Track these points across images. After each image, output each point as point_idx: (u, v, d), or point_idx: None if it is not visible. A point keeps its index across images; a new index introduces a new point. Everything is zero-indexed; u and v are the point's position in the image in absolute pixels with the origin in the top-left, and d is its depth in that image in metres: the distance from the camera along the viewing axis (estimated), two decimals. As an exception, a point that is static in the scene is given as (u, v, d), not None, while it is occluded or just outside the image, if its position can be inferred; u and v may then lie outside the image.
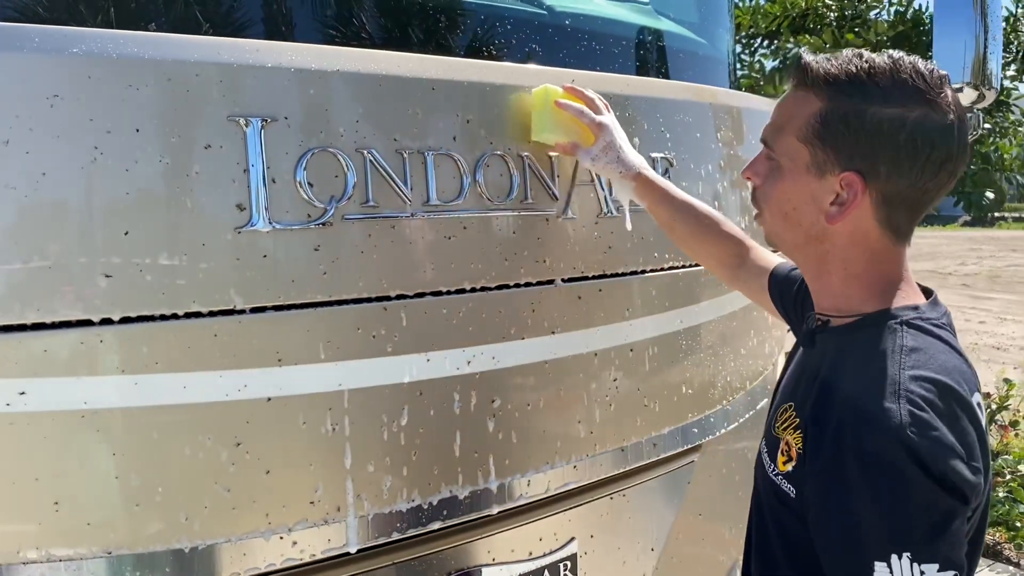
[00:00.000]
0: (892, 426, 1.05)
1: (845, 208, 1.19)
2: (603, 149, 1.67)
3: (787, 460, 1.22)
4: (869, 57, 1.18)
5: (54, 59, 1.23)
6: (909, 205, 1.20)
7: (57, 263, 1.23)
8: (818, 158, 1.20)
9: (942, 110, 1.15)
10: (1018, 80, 5.04)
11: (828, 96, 1.18)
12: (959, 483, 1.04)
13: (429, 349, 1.55)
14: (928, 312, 1.23)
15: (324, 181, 1.42)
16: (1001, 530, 4.30)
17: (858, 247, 1.23)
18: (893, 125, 1.14)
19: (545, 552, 1.78)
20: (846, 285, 1.25)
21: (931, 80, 1.15)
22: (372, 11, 1.67)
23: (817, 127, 1.19)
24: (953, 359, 1.17)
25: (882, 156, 1.16)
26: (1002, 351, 9.87)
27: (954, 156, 1.17)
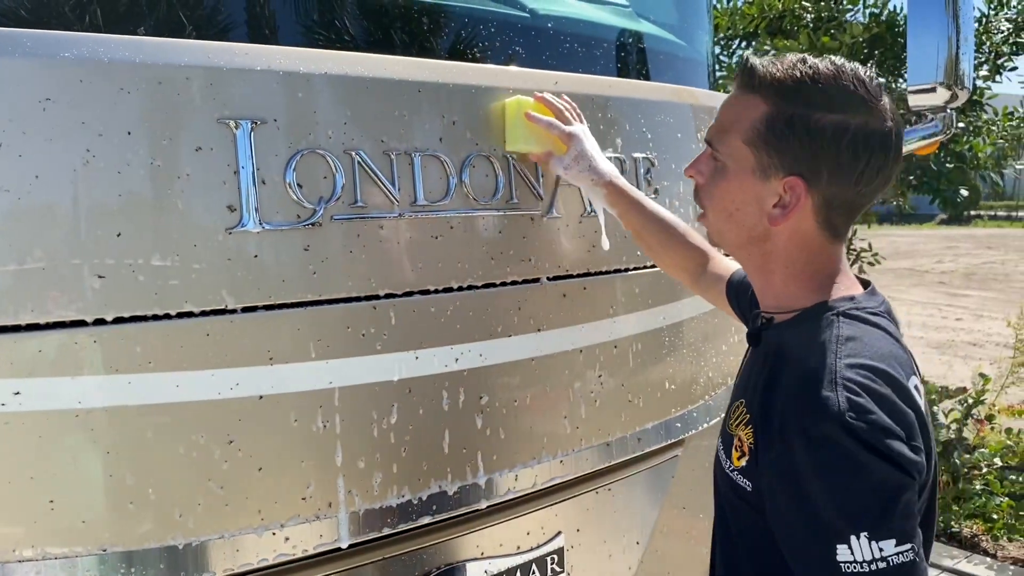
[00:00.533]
0: (832, 413, 1.08)
1: (787, 211, 1.23)
2: (574, 159, 1.69)
3: (741, 455, 1.26)
4: (813, 63, 1.20)
5: (46, 63, 1.24)
6: (847, 208, 1.25)
7: (51, 264, 1.25)
8: (762, 161, 1.23)
9: (881, 117, 1.19)
10: (991, 80, 5.12)
11: (773, 100, 1.21)
12: (901, 460, 1.08)
13: (418, 347, 1.58)
14: (865, 302, 1.26)
15: (313, 182, 1.44)
16: (978, 522, 4.37)
17: (798, 247, 1.27)
18: (836, 131, 1.17)
19: (532, 546, 1.81)
20: (787, 283, 1.30)
21: (871, 88, 1.19)
22: (360, 15, 1.69)
23: (762, 131, 1.22)
24: (889, 345, 1.21)
25: (824, 161, 1.19)
26: (978, 347, 10.00)
27: (891, 162, 1.21)
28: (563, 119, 1.72)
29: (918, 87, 2.28)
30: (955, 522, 4.33)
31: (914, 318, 12.01)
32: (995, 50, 5.03)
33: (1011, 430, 4.83)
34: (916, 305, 13.21)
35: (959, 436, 4.58)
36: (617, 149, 1.91)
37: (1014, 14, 4.99)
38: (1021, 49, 5.04)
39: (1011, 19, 5.00)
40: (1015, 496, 4.25)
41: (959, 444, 4.53)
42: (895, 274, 16.59)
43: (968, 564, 4.10)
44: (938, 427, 4.59)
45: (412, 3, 1.76)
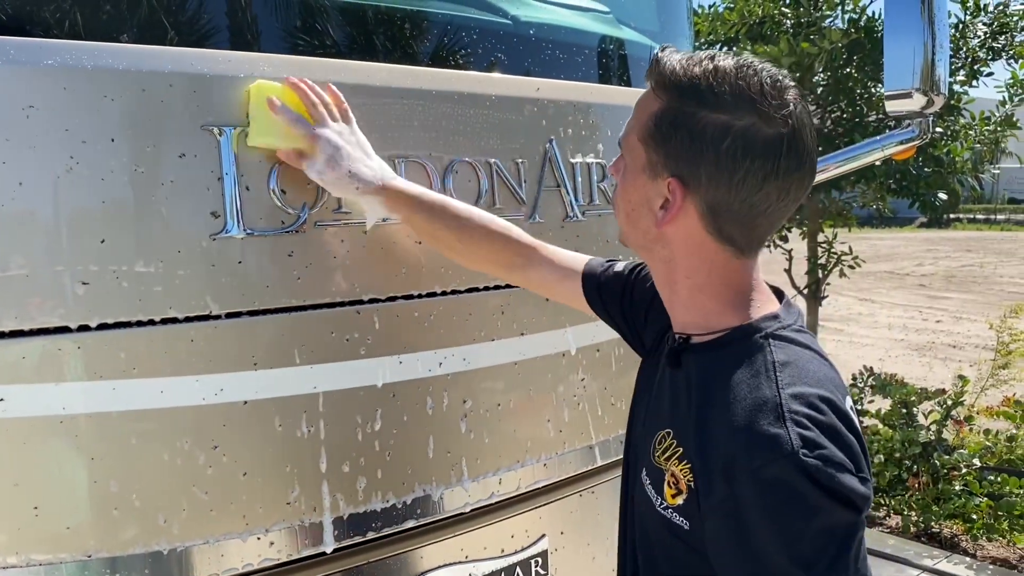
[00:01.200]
0: (786, 452, 1.01)
1: (669, 213, 1.17)
2: (327, 163, 1.44)
3: (676, 493, 1.16)
4: (719, 60, 1.13)
5: (29, 70, 1.25)
6: (738, 218, 1.15)
7: (34, 271, 1.25)
8: (651, 159, 1.18)
9: (774, 123, 1.10)
10: (968, 85, 5.19)
11: (667, 97, 1.16)
12: (854, 497, 1.02)
13: (401, 351, 1.59)
14: (787, 318, 1.19)
15: (297, 188, 1.45)
16: (958, 522, 4.41)
17: (695, 257, 1.19)
18: (717, 133, 1.11)
19: (517, 549, 1.82)
20: (693, 297, 1.22)
21: (769, 91, 1.10)
22: (343, 22, 1.70)
23: (652, 128, 1.17)
24: (822, 367, 1.15)
25: (703, 163, 1.12)
26: (958, 349, 10.10)
27: (781, 170, 1.11)
28: (316, 114, 1.46)
29: (895, 93, 2.31)
30: (935, 522, 4.37)
31: (895, 320, 12.12)
32: (972, 55, 5.10)
33: (990, 431, 4.89)
34: (897, 308, 13.33)
35: (939, 437, 4.63)
36: (599, 155, 1.93)
37: (990, 20, 5.05)
38: (997, 54, 5.11)
39: (987, 24, 5.07)
40: (994, 496, 4.29)
41: (939, 445, 4.57)
42: (876, 277, 16.73)
43: (948, 564, 4.15)
44: (918, 428, 4.63)
45: (396, 10, 1.77)
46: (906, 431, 4.57)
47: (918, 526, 4.45)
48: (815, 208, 5.79)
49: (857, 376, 5.30)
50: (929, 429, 4.66)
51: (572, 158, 1.87)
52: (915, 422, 4.74)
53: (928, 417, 4.79)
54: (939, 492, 4.40)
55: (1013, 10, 5.01)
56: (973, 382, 5.19)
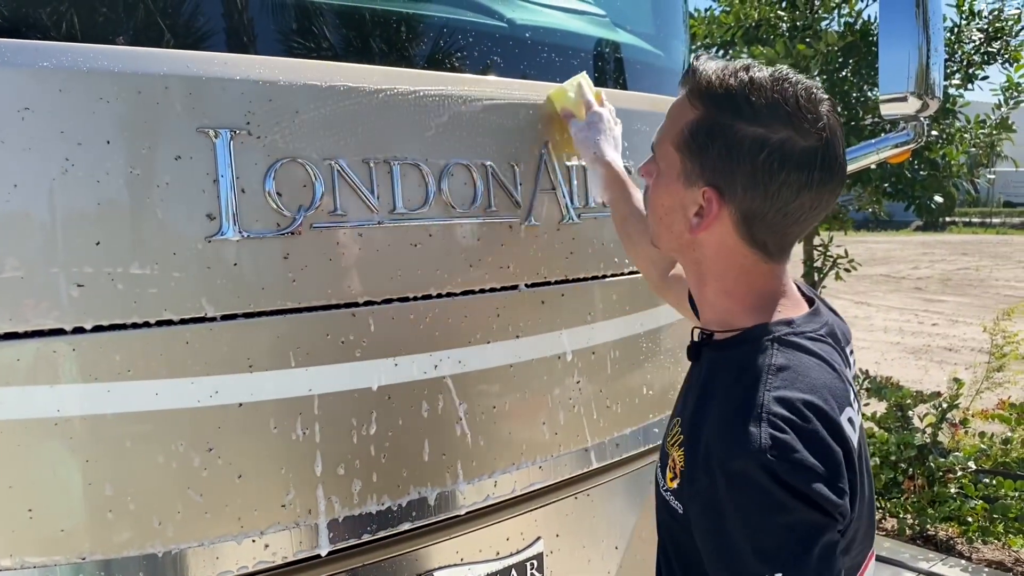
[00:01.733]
0: (753, 449, 1.04)
1: (704, 221, 1.20)
2: (587, 126, 1.80)
3: (673, 477, 1.22)
4: (754, 72, 1.16)
5: (25, 72, 1.25)
6: (771, 226, 1.19)
7: (29, 273, 1.25)
8: (687, 168, 1.21)
9: (809, 136, 1.13)
10: (963, 89, 5.20)
11: (703, 107, 1.19)
12: (821, 501, 1.04)
13: (397, 354, 1.59)
14: (803, 325, 1.22)
15: (292, 190, 1.45)
16: (953, 525, 4.42)
17: (726, 261, 1.23)
18: (754, 145, 1.13)
19: (512, 552, 1.82)
20: (720, 298, 1.27)
21: (804, 104, 1.14)
22: (339, 24, 1.70)
23: (688, 137, 1.20)
24: (824, 375, 1.16)
25: (740, 174, 1.15)
26: (954, 352, 10.11)
27: (815, 182, 1.15)
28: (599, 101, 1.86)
29: (890, 96, 2.32)
30: (930, 525, 4.38)
31: (891, 324, 12.14)
32: (967, 59, 5.11)
33: (985, 434, 4.89)
34: (893, 311, 13.35)
35: (934, 440, 4.64)
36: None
37: (985, 24, 5.07)
38: (992, 58, 5.12)
39: (982, 29, 5.09)
40: (989, 499, 4.30)
41: (934, 448, 4.58)
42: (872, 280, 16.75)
43: (943, 567, 4.15)
44: (913, 431, 4.64)
45: (391, 13, 1.77)
46: (901, 434, 4.58)
47: (913, 529, 4.45)
48: (811, 211, 5.79)
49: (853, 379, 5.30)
50: (925, 432, 4.67)
51: (568, 161, 1.87)
52: (911, 425, 4.74)
53: (924, 420, 4.79)
54: (934, 495, 4.41)
55: (1008, 15, 5.02)
56: (968, 385, 5.19)
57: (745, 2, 5.18)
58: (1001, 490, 4.28)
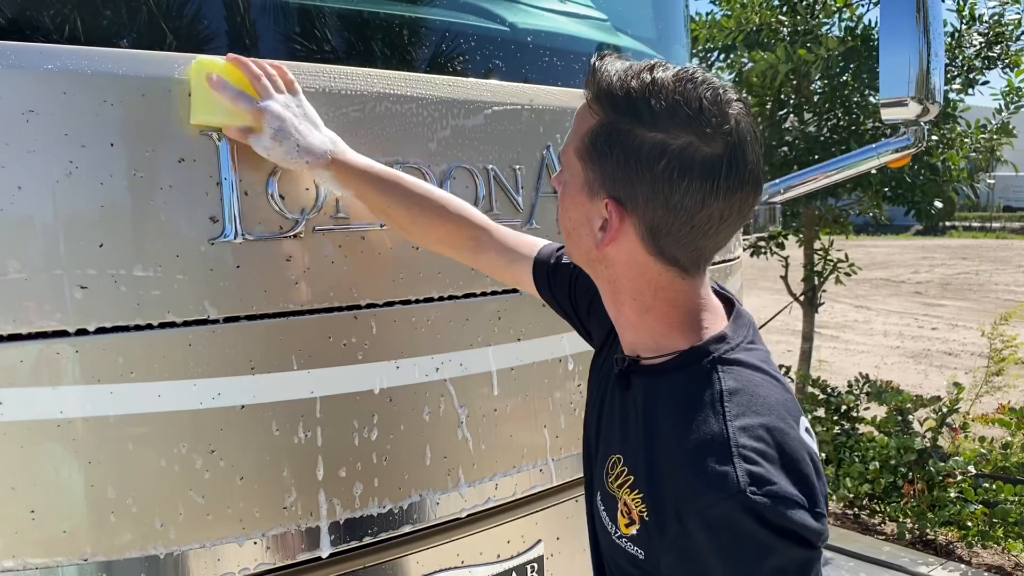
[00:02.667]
0: (732, 492, 0.97)
1: (608, 234, 1.12)
2: (273, 138, 1.39)
3: (629, 523, 1.12)
4: (658, 73, 1.07)
5: (29, 75, 1.25)
6: (679, 240, 1.10)
7: (33, 275, 1.25)
8: (588, 177, 1.13)
9: (712, 142, 1.05)
10: (964, 93, 5.21)
11: (603, 111, 1.10)
12: (806, 534, 0.99)
13: (398, 357, 1.59)
14: (735, 336, 1.15)
15: (295, 193, 1.46)
16: (952, 530, 4.42)
17: (640, 278, 1.15)
18: (652, 153, 1.05)
19: (513, 555, 1.83)
20: (640, 318, 1.18)
21: (709, 107, 1.05)
22: (342, 28, 1.71)
23: (588, 144, 1.12)
24: (773, 390, 1.10)
25: (640, 185, 1.07)
26: (954, 356, 10.12)
27: (721, 191, 1.06)
28: (259, 88, 1.41)
29: (890, 101, 2.33)
30: (930, 529, 4.38)
31: (890, 328, 12.14)
32: (967, 64, 5.13)
33: (985, 438, 4.90)
34: (892, 315, 13.35)
35: (934, 444, 4.64)
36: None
37: (985, 29, 5.08)
38: (993, 63, 5.13)
39: (983, 34, 5.10)
40: (989, 504, 4.30)
41: (934, 452, 4.58)
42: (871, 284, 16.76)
43: (943, 571, 4.15)
44: (913, 435, 4.64)
45: (394, 17, 1.78)
46: (901, 438, 4.58)
47: (913, 533, 4.45)
48: (811, 215, 5.81)
49: (853, 383, 5.31)
50: (924, 436, 4.67)
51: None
52: (910, 429, 4.75)
53: (923, 424, 4.80)
54: (934, 499, 4.41)
55: (1008, 20, 5.03)
56: (968, 389, 5.20)
57: (746, 6, 5.19)
58: (1001, 494, 4.28)
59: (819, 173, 3.15)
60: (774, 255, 5.87)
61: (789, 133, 5.55)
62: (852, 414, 5.25)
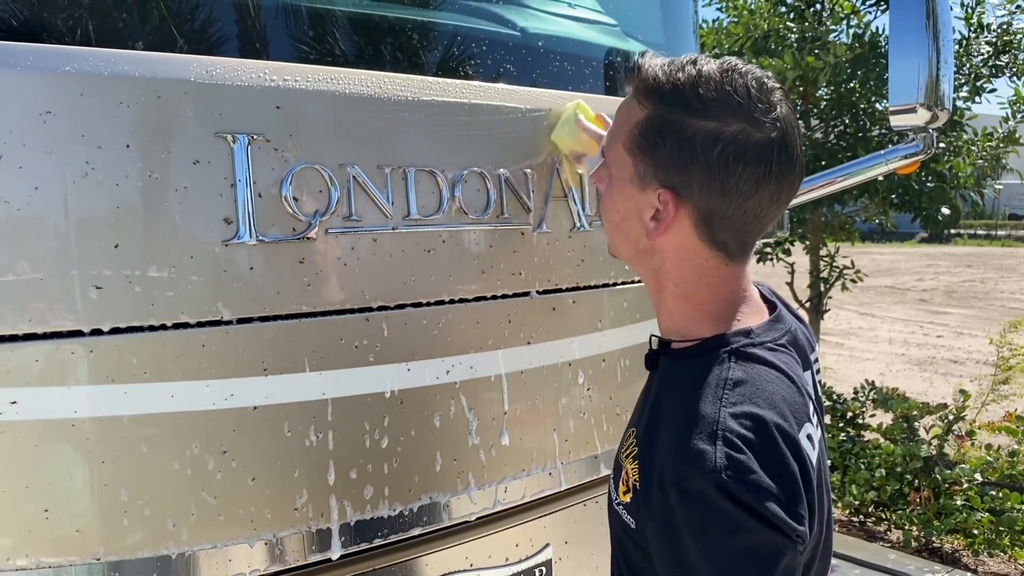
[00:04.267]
0: (707, 469, 0.99)
1: (662, 224, 1.15)
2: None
3: (626, 490, 1.16)
4: (702, 65, 1.11)
5: (47, 77, 1.26)
6: (732, 224, 1.14)
7: (49, 275, 1.26)
8: (639, 170, 1.16)
9: (763, 127, 1.09)
10: (971, 101, 5.21)
11: (652, 105, 1.13)
12: (779, 523, 0.99)
13: (409, 359, 1.60)
14: (763, 335, 1.17)
15: (309, 196, 1.46)
16: (959, 537, 4.41)
17: (687, 264, 1.18)
18: (707, 140, 1.09)
19: (521, 558, 1.83)
20: (679, 304, 1.21)
21: (756, 95, 1.09)
22: (356, 32, 1.72)
23: (638, 138, 1.14)
24: (783, 388, 1.11)
25: (695, 172, 1.10)
26: (959, 364, 10.10)
27: (773, 174, 1.11)
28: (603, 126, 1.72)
29: (899, 108, 2.33)
30: (936, 537, 4.37)
31: (896, 335, 12.13)
32: (975, 72, 5.13)
33: (991, 446, 4.89)
34: (898, 322, 13.34)
35: (940, 452, 4.64)
36: (606, 166, 1.94)
37: (993, 37, 5.08)
38: (1000, 71, 5.14)
39: (990, 42, 5.10)
40: (995, 511, 4.29)
41: (940, 460, 4.58)
42: (877, 291, 16.74)
43: (949, 579, 4.14)
44: (919, 442, 4.63)
45: (406, 21, 1.78)
46: (907, 445, 4.58)
47: (919, 541, 4.44)
48: (817, 222, 5.81)
49: (858, 390, 5.31)
50: (930, 444, 4.66)
51: (579, 168, 1.88)
52: (916, 436, 4.74)
53: (929, 432, 4.79)
54: (940, 507, 4.40)
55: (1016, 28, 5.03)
56: (974, 397, 5.19)
57: (754, 13, 5.20)
58: (1007, 502, 4.27)
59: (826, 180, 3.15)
60: (780, 261, 5.87)
61: (796, 139, 5.55)
62: (858, 421, 5.24)
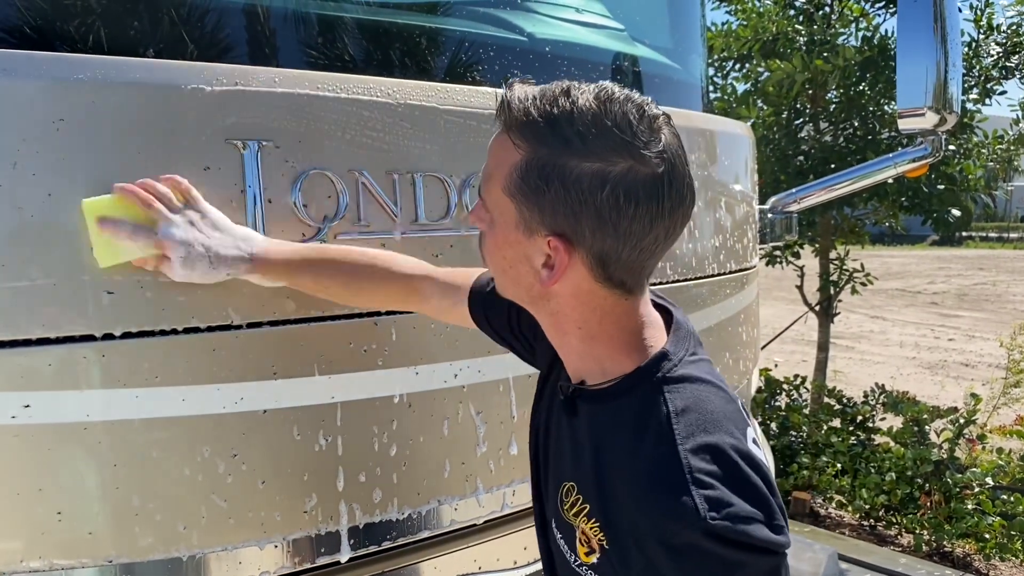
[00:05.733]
0: (692, 520, 0.96)
1: (555, 272, 1.08)
2: (184, 265, 1.34)
3: (589, 551, 1.10)
4: (575, 96, 1.03)
5: (59, 85, 1.28)
6: (626, 264, 1.07)
7: (61, 280, 1.27)
8: (524, 216, 1.07)
9: (649, 162, 1.02)
10: (981, 103, 5.19)
11: (528, 144, 1.04)
12: (770, 546, 0.99)
13: (418, 363, 1.61)
14: (678, 350, 1.13)
15: (318, 201, 1.48)
16: (970, 542, 4.39)
17: (585, 307, 1.12)
18: (593, 183, 1.01)
19: (529, 561, 1.83)
20: (585, 345, 1.15)
21: (639, 127, 1.02)
22: (365, 38, 1.73)
23: (518, 181, 1.06)
24: (718, 401, 1.08)
25: (584, 216, 1.03)
26: (971, 367, 10.05)
27: (665, 211, 1.04)
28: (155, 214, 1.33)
29: (908, 111, 2.33)
30: (947, 541, 4.36)
31: (907, 338, 12.08)
32: (985, 74, 5.12)
33: (1003, 450, 4.87)
34: (909, 326, 13.28)
35: (951, 456, 4.62)
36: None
37: (1003, 39, 5.07)
38: (1010, 73, 5.12)
39: (1000, 43, 5.09)
40: (1007, 516, 4.28)
41: (951, 464, 4.56)
42: (887, 295, 16.68)
43: (960, 584, 4.13)
44: (930, 446, 4.62)
45: (414, 27, 1.80)
46: (918, 449, 4.56)
47: (930, 545, 4.43)
48: (827, 225, 5.80)
49: (869, 393, 5.29)
50: (941, 447, 4.65)
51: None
52: (927, 440, 4.73)
53: (940, 435, 4.77)
54: (951, 511, 4.39)
55: (1026, 29, 5.02)
56: (985, 400, 5.17)
57: (763, 16, 5.21)
58: (1019, 507, 4.25)
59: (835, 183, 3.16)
60: (789, 265, 5.86)
61: (805, 143, 5.56)
62: (868, 425, 5.23)
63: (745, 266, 2.52)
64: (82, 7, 1.39)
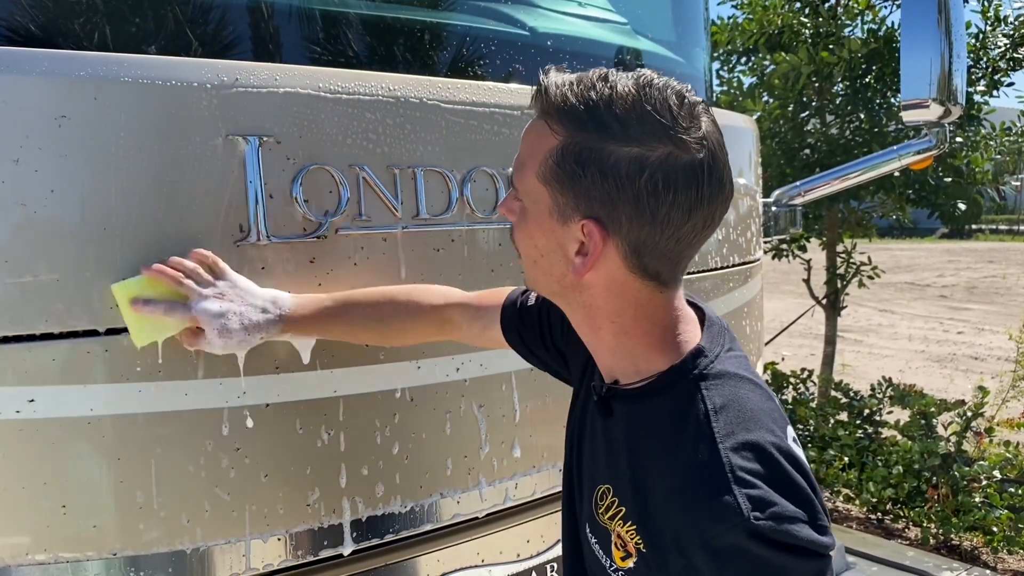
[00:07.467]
0: (736, 521, 0.93)
1: (589, 259, 1.05)
2: (220, 335, 1.37)
3: (625, 556, 1.07)
4: (614, 82, 1.01)
5: (62, 81, 1.28)
6: (663, 253, 1.05)
7: (65, 275, 1.29)
8: (558, 202, 1.05)
9: (689, 148, 1.00)
10: (988, 95, 5.16)
11: (565, 129, 1.03)
12: (816, 548, 0.95)
13: (420, 357, 1.61)
14: (714, 346, 1.11)
15: (319, 196, 1.48)
16: (978, 535, 4.38)
17: (619, 299, 1.09)
18: (632, 168, 0.99)
19: (532, 554, 1.84)
20: (618, 340, 1.12)
21: (679, 113, 1.00)
22: (366, 33, 1.73)
23: (554, 167, 1.04)
24: (757, 398, 1.06)
25: (621, 202, 1.01)
26: (980, 361, 10.01)
27: (705, 198, 1.02)
28: (186, 291, 1.36)
29: (911, 103, 2.33)
30: (955, 534, 4.35)
31: (915, 332, 12.04)
32: (992, 65, 5.08)
33: (1010, 443, 4.85)
34: (917, 319, 13.23)
35: (958, 449, 4.60)
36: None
37: (1010, 30, 5.03)
38: (1018, 64, 5.09)
39: (1008, 35, 5.05)
40: (1014, 509, 4.26)
41: (958, 457, 4.55)
42: (896, 288, 16.62)
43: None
44: (937, 439, 4.61)
45: (417, 22, 1.80)
46: (925, 442, 4.55)
47: (938, 538, 4.42)
48: (834, 218, 5.78)
49: (876, 387, 5.28)
50: (949, 440, 4.63)
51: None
52: (935, 433, 4.71)
53: (948, 428, 4.76)
54: (959, 504, 4.38)
55: (1034, 20, 4.98)
56: (994, 393, 5.16)
57: (768, 9, 5.19)
58: (1027, 500, 4.24)
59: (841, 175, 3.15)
60: (796, 258, 5.84)
61: (811, 135, 5.54)
62: (875, 418, 5.22)
63: (749, 259, 2.52)
64: (84, 4, 1.40)
